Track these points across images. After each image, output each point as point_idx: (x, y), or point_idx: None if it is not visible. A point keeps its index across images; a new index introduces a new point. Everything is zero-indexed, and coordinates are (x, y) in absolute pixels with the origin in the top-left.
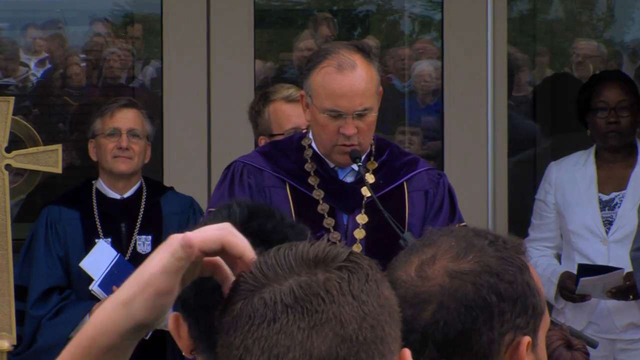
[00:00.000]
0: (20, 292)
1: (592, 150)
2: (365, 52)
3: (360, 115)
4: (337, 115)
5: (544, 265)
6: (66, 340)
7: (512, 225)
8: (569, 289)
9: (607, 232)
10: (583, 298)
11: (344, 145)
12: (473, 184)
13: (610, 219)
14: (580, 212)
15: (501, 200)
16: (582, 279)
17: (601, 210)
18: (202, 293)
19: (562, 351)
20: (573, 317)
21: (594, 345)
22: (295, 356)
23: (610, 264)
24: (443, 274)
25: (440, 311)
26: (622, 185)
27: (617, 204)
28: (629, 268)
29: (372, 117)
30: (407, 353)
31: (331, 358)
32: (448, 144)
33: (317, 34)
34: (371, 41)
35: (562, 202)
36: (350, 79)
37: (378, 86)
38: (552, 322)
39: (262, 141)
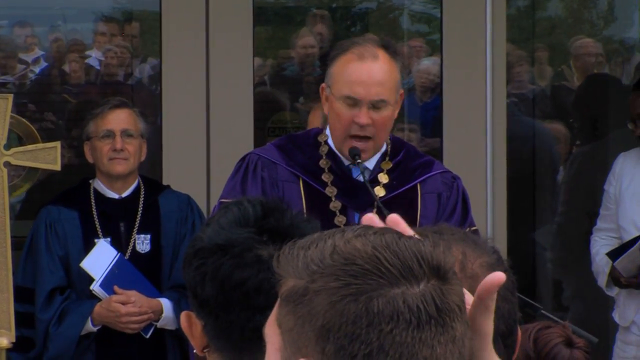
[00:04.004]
0: (24, 294)
1: None
2: (390, 48)
3: (376, 107)
4: (352, 102)
5: (601, 254)
6: (75, 343)
7: (511, 222)
8: (618, 276)
9: None
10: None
11: (357, 136)
12: (472, 180)
13: None
14: (631, 208)
15: (500, 197)
16: (616, 263)
17: None
18: (223, 292)
19: (561, 348)
20: (624, 305)
21: (594, 342)
22: None
23: None
24: (485, 269)
25: (500, 304)
26: None
27: None
28: None
29: (389, 112)
30: None
31: None
32: (447, 140)
33: (313, 32)
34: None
35: (618, 194)
36: (370, 67)
37: (398, 85)
38: (553, 320)
39: None
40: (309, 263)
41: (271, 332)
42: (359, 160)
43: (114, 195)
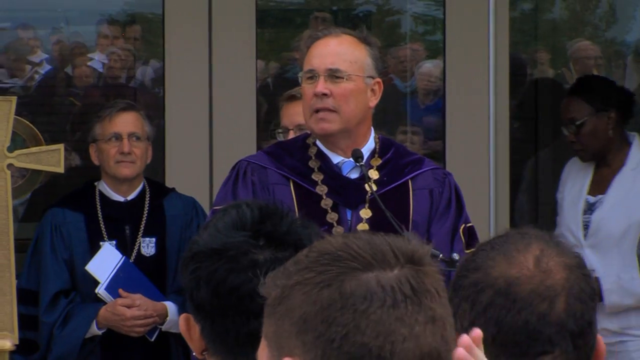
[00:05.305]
0: (28, 296)
1: None
2: (357, 35)
3: (333, 77)
4: (311, 76)
5: None
6: (79, 345)
7: (514, 224)
8: None
9: (585, 237)
10: None
11: (317, 109)
12: (475, 183)
13: (589, 224)
14: (568, 215)
15: (503, 200)
16: None
17: (584, 214)
18: (219, 296)
19: None
20: None
21: None
22: (409, 347)
23: None
24: (562, 267)
25: (572, 302)
26: (607, 188)
27: (598, 208)
28: (603, 275)
29: (349, 85)
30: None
31: (432, 356)
32: (450, 143)
33: None
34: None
35: (561, 201)
36: (328, 41)
37: (366, 66)
38: None
39: None
40: (286, 268)
41: (260, 351)
42: (362, 163)
43: (119, 198)
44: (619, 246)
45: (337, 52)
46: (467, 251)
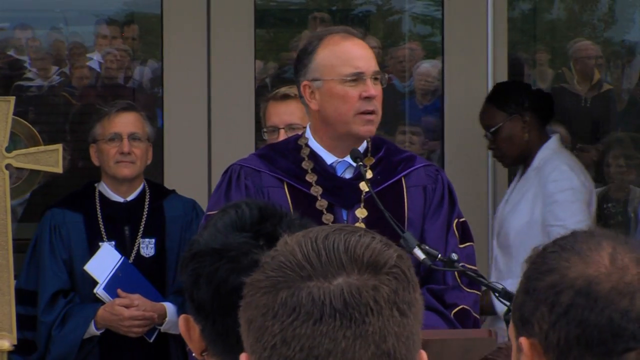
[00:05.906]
0: (26, 297)
1: None
2: (358, 34)
3: (376, 80)
4: (357, 78)
5: None
6: (77, 346)
7: None
8: None
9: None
10: None
11: (366, 112)
12: (473, 183)
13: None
14: (497, 215)
15: (501, 199)
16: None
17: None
18: (219, 296)
19: None
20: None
21: None
22: None
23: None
24: (635, 262)
25: None
26: None
27: (500, 208)
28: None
29: (381, 86)
30: (424, 355)
31: None
32: (448, 143)
33: None
34: (372, 41)
35: None
36: (359, 42)
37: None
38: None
39: None
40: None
41: None
42: (361, 163)
43: (119, 198)
44: (515, 246)
45: (373, 56)
46: (461, 246)
